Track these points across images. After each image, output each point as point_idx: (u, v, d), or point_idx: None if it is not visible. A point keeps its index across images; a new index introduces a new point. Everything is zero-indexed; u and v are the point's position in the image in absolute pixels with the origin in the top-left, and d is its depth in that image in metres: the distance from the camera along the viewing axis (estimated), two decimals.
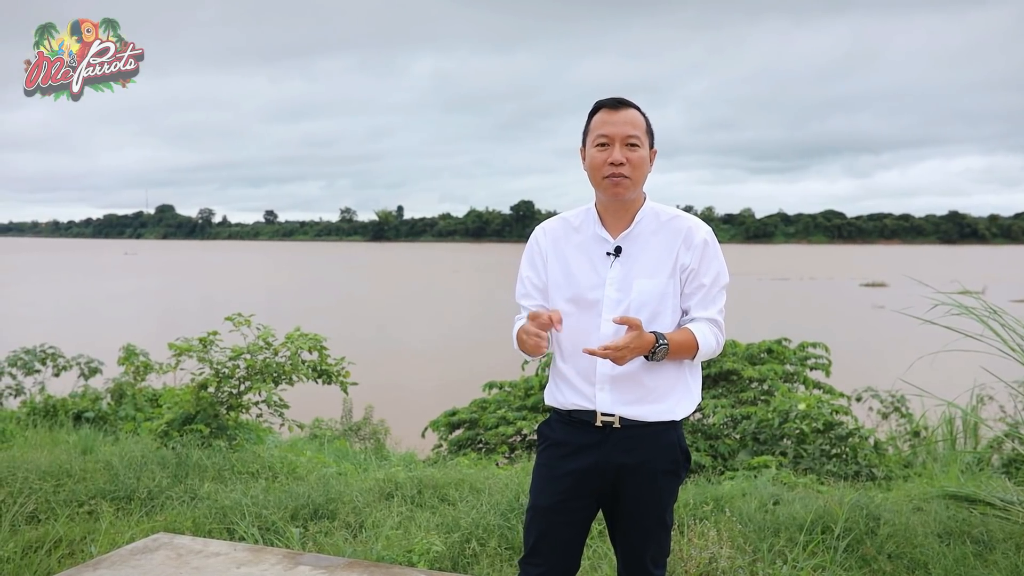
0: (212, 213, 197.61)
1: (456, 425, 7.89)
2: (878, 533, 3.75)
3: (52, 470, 4.68)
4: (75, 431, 6.58)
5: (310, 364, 6.10)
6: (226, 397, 5.80)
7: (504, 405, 7.74)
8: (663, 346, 2.23)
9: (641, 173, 2.34)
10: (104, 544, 3.81)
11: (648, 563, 2.39)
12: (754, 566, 3.56)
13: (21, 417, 7.16)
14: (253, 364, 5.80)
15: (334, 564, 3.32)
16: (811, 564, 3.54)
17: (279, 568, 3.27)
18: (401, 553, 3.63)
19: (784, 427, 6.23)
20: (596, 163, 2.34)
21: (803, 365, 7.65)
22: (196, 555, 3.40)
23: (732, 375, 7.40)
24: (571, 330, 2.36)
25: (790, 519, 3.90)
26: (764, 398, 7.13)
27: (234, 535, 3.96)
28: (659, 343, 2.22)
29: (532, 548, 2.39)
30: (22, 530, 3.97)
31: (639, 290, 2.32)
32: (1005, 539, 3.68)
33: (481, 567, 3.63)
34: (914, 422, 7.47)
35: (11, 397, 8.68)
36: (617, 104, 2.34)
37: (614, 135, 2.31)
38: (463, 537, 3.84)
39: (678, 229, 2.36)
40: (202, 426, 5.48)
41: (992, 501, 4.05)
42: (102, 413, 7.55)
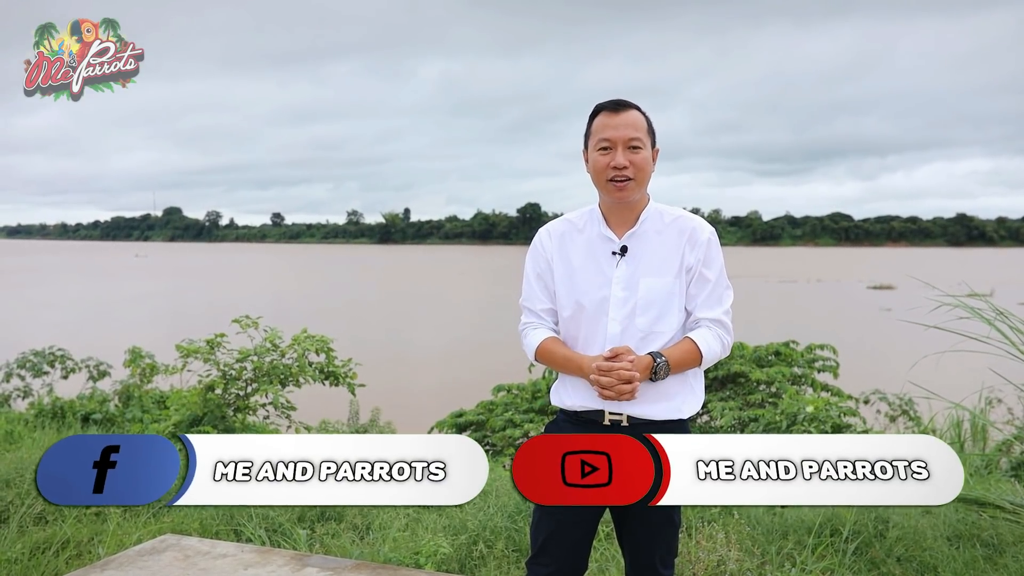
0: (219, 215, 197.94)
1: (463, 427, 7.88)
2: (887, 536, 3.74)
3: None
4: (83, 433, 6.59)
5: (317, 366, 6.11)
6: (233, 399, 5.82)
7: (511, 407, 7.73)
8: (663, 363, 2.23)
9: (645, 174, 2.34)
10: (111, 545, 3.81)
11: (657, 563, 2.37)
12: (762, 569, 3.55)
13: (29, 419, 7.17)
14: (260, 366, 5.82)
15: (341, 566, 3.32)
16: (820, 567, 3.52)
17: (286, 570, 3.27)
18: (408, 555, 3.62)
19: (792, 429, 6.19)
20: (599, 167, 2.33)
21: (811, 367, 7.62)
22: (203, 556, 3.40)
23: (740, 377, 7.38)
24: (578, 330, 2.37)
25: (798, 522, 3.89)
26: (772, 400, 7.11)
27: (241, 536, 3.96)
28: (657, 362, 2.23)
29: (540, 548, 2.38)
30: (30, 531, 3.98)
31: (646, 288, 2.32)
32: (1015, 542, 3.66)
33: (488, 569, 3.62)
34: (922, 425, 7.44)
35: (19, 399, 8.71)
36: (617, 106, 2.34)
37: (616, 138, 2.31)
38: (470, 539, 3.83)
39: (683, 228, 2.37)
40: (209, 428, 5.50)
41: (1002, 504, 4.02)
42: (110, 415, 7.56)
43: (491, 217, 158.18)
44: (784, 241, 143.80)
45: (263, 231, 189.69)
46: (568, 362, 2.35)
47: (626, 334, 2.30)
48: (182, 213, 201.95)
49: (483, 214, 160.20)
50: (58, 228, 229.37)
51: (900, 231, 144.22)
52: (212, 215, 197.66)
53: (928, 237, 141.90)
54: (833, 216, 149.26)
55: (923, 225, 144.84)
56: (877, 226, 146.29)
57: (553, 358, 2.40)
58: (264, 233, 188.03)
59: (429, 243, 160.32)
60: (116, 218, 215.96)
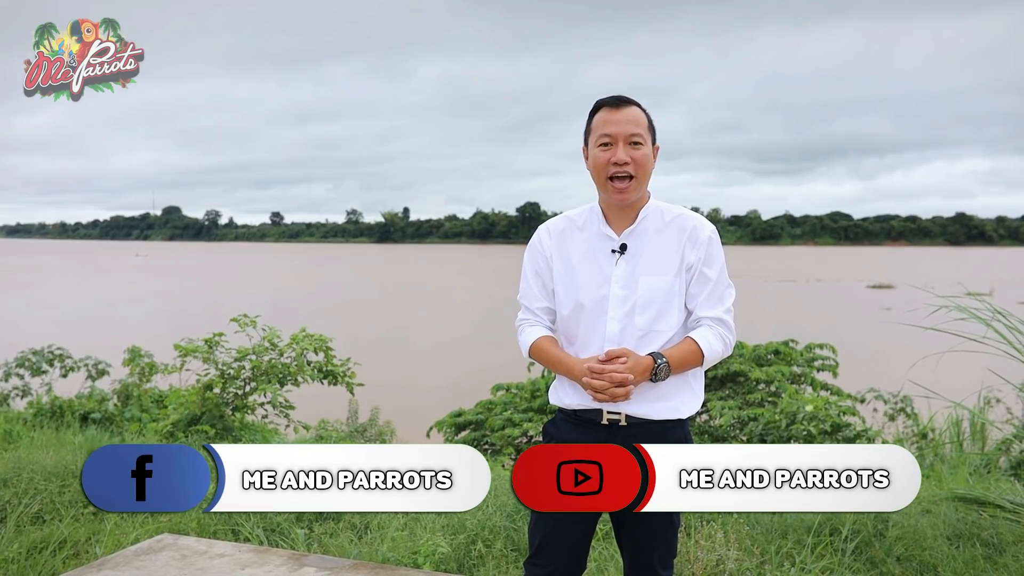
0: (218, 215, 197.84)
1: (462, 426, 7.88)
2: (887, 535, 3.73)
3: (58, 471, 4.68)
4: (81, 432, 6.58)
5: (316, 365, 6.10)
6: (232, 398, 5.81)
7: (510, 407, 7.72)
8: (663, 365, 2.22)
9: (645, 171, 2.33)
10: (109, 545, 3.81)
11: (656, 564, 2.36)
12: (762, 568, 3.54)
13: (28, 418, 7.16)
14: (258, 365, 5.81)
15: (339, 566, 3.31)
16: (819, 567, 3.51)
17: (284, 569, 3.26)
18: (406, 555, 3.61)
19: (791, 428, 6.19)
20: (599, 163, 2.32)
21: (810, 366, 7.62)
22: (201, 556, 3.39)
23: (739, 376, 7.38)
24: (577, 329, 2.36)
25: (798, 521, 3.88)
26: (771, 399, 7.11)
27: (239, 536, 3.95)
28: (658, 363, 2.22)
29: (538, 549, 2.37)
30: (27, 530, 3.98)
31: (645, 287, 2.30)
32: (1015, 542, 3.65)
33: (487, 569, 3.61)
34: (921, 424, 7.43)
35: (18, 398, 8.71)
36: (618, 103, 2.32)
37: (617, 134, 2.29)
38: (469, 538, 3.82)
39: (683, 227, 2.35)
40: (207, 427, 5.49)
41: (1002, 504, 4.02)
42: (108, 414, 7.55)
43: (490, 216, 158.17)
44: (783, 240, 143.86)
45: (262, 230, 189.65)
46: (559, 364, 2.35)
47: (625, 333, 2.29)
48: (181, 212, 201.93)
49: (482, 213, 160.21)
50: (57, 227, 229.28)
51: (899, 230, 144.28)
52: (211, 214, 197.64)
53: (927, 236, 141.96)
54: (832, 215, 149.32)
55: (922, 224, 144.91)
56: (876, 225, 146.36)
57: (546, 358, 2.40)
58: (263, 232, 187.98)
59: (428, 242, 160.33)
60: (115, 217, 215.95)
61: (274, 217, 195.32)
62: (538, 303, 2.45)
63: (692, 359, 2.28)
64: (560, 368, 2.36)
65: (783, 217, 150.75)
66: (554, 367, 2.39)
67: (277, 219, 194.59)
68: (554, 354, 2.37)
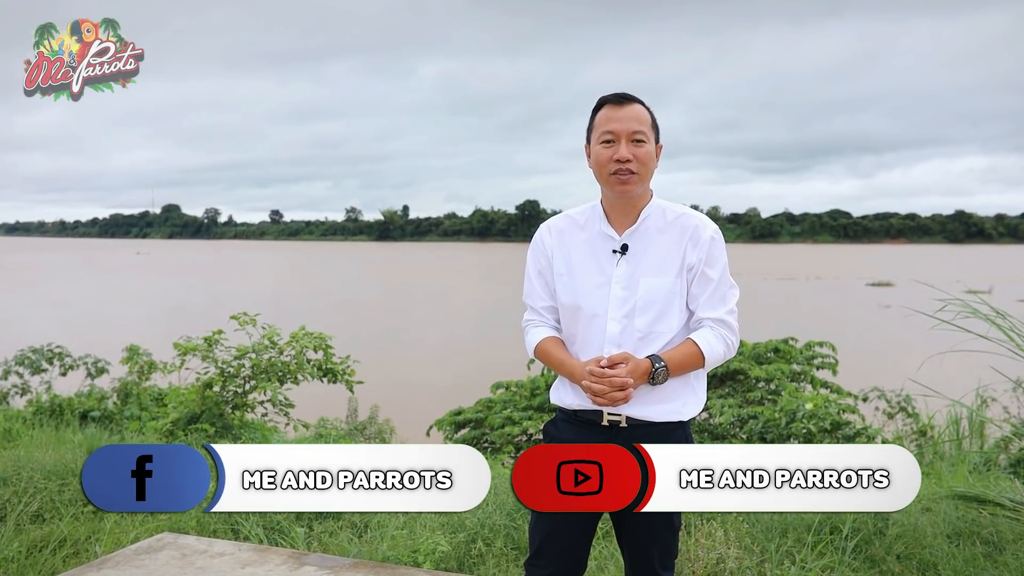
0: (218, 213, 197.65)
1: (462, 424, 7.88)
2: (887, 534, 3.73)
3: (57, 469, 4.68)
4: (81, 430, 6.58)
5: (315, 363, 6.09)
6: (231, 396, 5.81)
7: (510, 405, 7.72)
8: (661, 368, 2.21)
9: (648, 169, 2.31)
10: (108, 544, 3.80)
11: (656, 565, 2.35)
12: (762, 567, 3.54)
13: (27, 416, 7.16)
14: (258, 363, 5.80)
15: (339, 564, 3.31)
16: (819, 565, 3.51)
17: (284, 568, 3.26)
18: (406, 553, 3.61)
19: (791, 427, 6.20)
20: (602, 160, 2.30)
21: (810, 364, 7.62)
22: (200, 555, 3.39)
23: (739, 375, 7.38)
24: (577, 329, 2.35)
25: (798, 519, 3.88)
26: (771, 398, 7.11)
27: (239, 535, 3.95)
28: (656, 367, 2.21)
29: (538, 549, 2.36)
30: (27, 529, 3.97)
31: (646, 288, 2.29)
32: (1015, 540, 3.65)
33: (487, 567, 3.61)
34: (920, 422, 7.44)
35: (17, 396, 8.70)
36: (621, 100, 2.30)
37: (620, 131, 2.28)
38: (469, 537, 3.82)
39: (685, 227, 2.33)
40: (207, 425, 5.48)
41: (1002, 502, 4.02)
42: (108, 412, 7.54)
43: (490, 214, 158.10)
44: (783, 238, 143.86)
45: (262, 228, 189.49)
46: (561, 366, 2.34)
47: (625, 334, 2.27)
48: (181, 211, 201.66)
49: (482, 211, 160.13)
50: (56, 225, 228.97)
51: (899, 228, 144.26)
52: (211, 212, 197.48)
53: (927, 234, 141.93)
54: (832, 213, 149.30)
55: (922, 222, 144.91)
56: (876, 223, 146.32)
57: (549, 359, 2.40)
58: (263, 230, 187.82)
59: (428, 240, 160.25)
60: (115, 215, 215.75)
61: (273, 215, 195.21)
62: (542, 302, 2.44)
63: (692, 361, 2.27)
64: (562, 370, 2.35)
65: (782, 215, 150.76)
66: (556, 368, 2.38)
67: (276, 217, 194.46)
68: (556, 356, 2.37)
